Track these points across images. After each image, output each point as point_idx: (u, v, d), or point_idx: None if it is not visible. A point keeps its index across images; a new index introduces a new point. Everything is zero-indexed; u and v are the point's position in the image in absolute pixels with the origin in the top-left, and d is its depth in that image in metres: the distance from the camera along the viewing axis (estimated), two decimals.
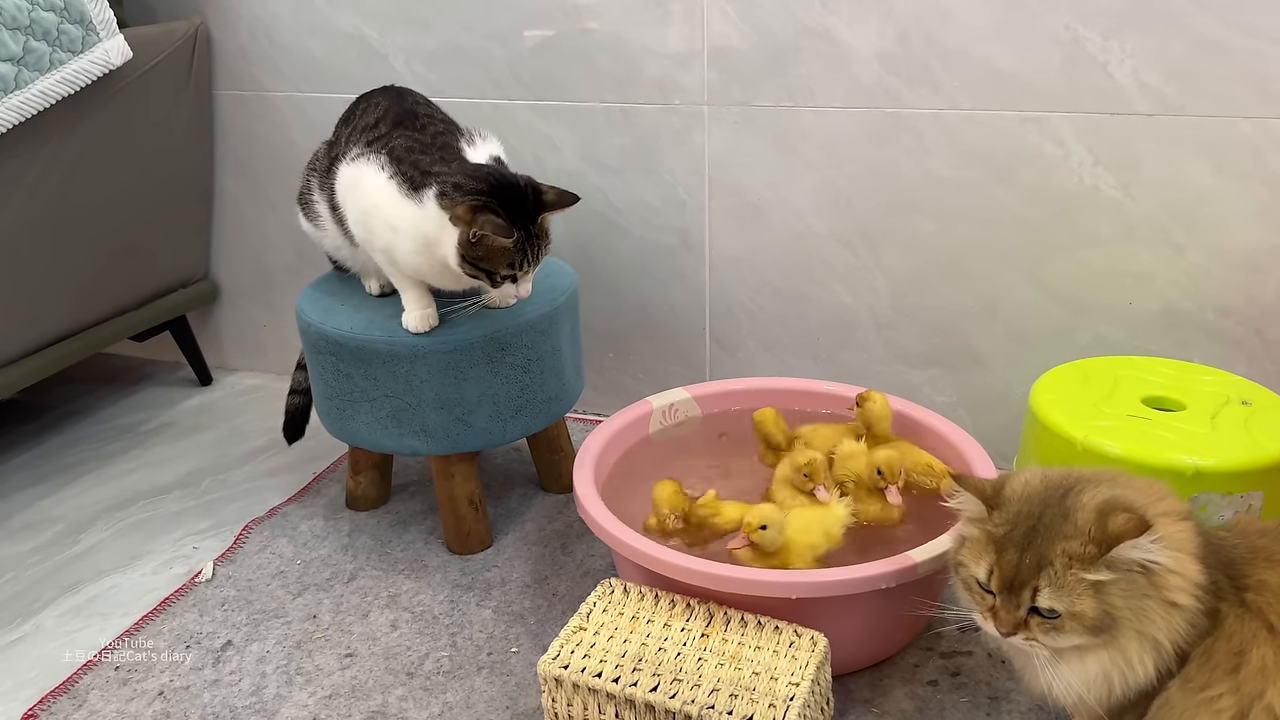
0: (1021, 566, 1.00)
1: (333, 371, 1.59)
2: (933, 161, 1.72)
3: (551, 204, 1.43)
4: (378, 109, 1.55)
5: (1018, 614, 1.00)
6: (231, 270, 2.32)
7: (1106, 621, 0.98)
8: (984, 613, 1.04)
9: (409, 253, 1.45)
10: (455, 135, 1.53)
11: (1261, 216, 1.57)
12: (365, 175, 1.48)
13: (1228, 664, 0.98)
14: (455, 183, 1.40)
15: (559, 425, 1.81)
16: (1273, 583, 1.00)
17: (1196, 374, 1.54)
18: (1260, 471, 1.32)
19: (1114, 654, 0.99)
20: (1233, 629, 0.98)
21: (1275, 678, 0.95)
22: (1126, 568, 0.97)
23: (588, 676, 1.19)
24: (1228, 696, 0.97)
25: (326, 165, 1.60)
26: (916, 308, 1.83)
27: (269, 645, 1.49)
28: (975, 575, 1.04)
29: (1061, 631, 0.99)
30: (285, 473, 1.96)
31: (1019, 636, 1.01)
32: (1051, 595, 0.98)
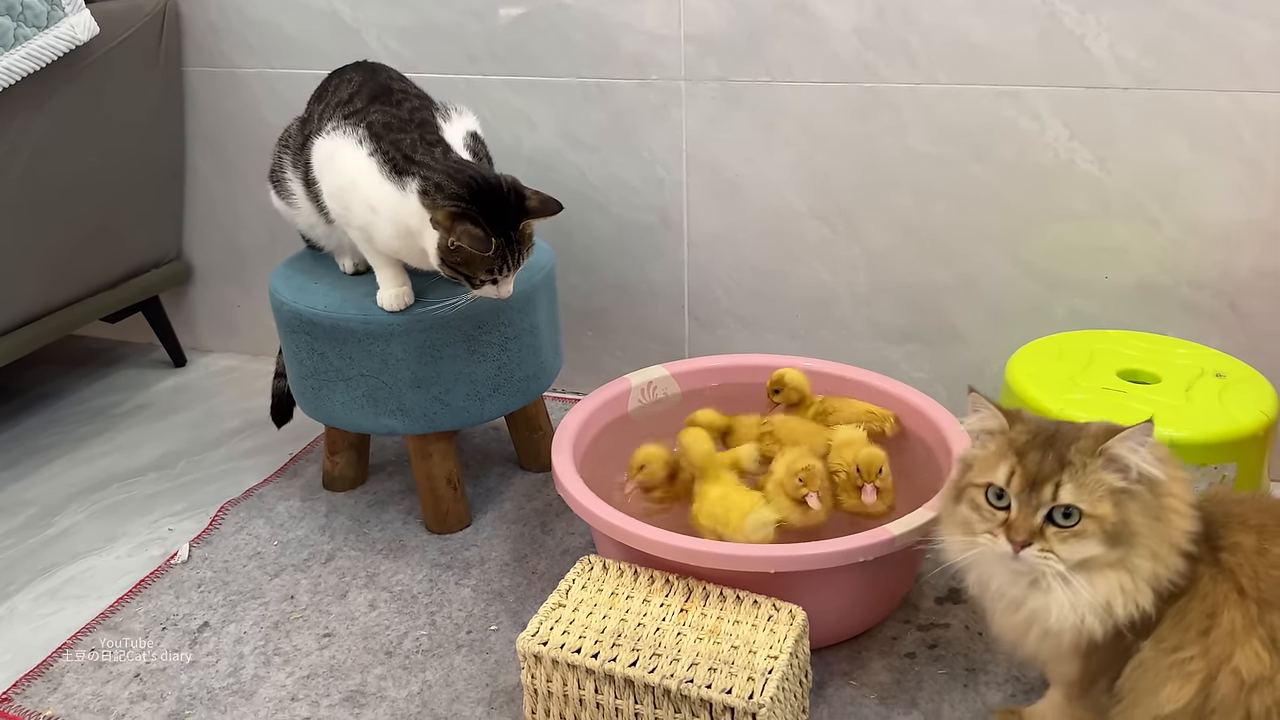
0: (1044, 464, 1.00)
1: (307, 351, 1.57)
2: (910, 137, 1.72)
3: (534, 211, 1.42)
4: (351, 84, 1.53)
5: (1034, 520, 0.99)
6: (204, 250, 2.29)
7: (1124, 533, 0.98)
8: (995, 530, 1.02)
9: (388, 235, 1.44)
10: (431, 110, 1.51)
11: (1236, 191, 1.58)
12: (342, 149, 1.46)
13: (1200, 625, 0.99)
14: (438, 182, 1.38)
15: (537, 404, 1.80)
16: (1246, 545, 1.01)
17: (1171, 347, 1.55)
18: (1233, 443, 1.33)
19: (1123, 575, 0.99)
20: (1207, 589, 1.00)
21: (1243, 641, 0.96)
22: (1139, 487, 0.99)
23: (567, 653, 1.19)
24: (1198, 660, 0.98)
25: (300, 142, 1.58)
26: (894, 284, 1.83)
27: (246, 626, 1.48)
28: (992, 481, 1.02)
29: (1081, 538, 0.98)
30: (261, 454, 1.94)
31: (1034, 548, 0.99)
32: (1074, 491, 0.98)
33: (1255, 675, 0.95)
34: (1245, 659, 0.95)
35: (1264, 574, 0.98)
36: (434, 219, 1.37)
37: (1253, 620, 0.96)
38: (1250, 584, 0.98)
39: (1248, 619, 0.97)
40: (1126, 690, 1.03)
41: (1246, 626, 0.96)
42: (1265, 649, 0.95)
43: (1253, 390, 1.42)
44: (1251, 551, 1.00)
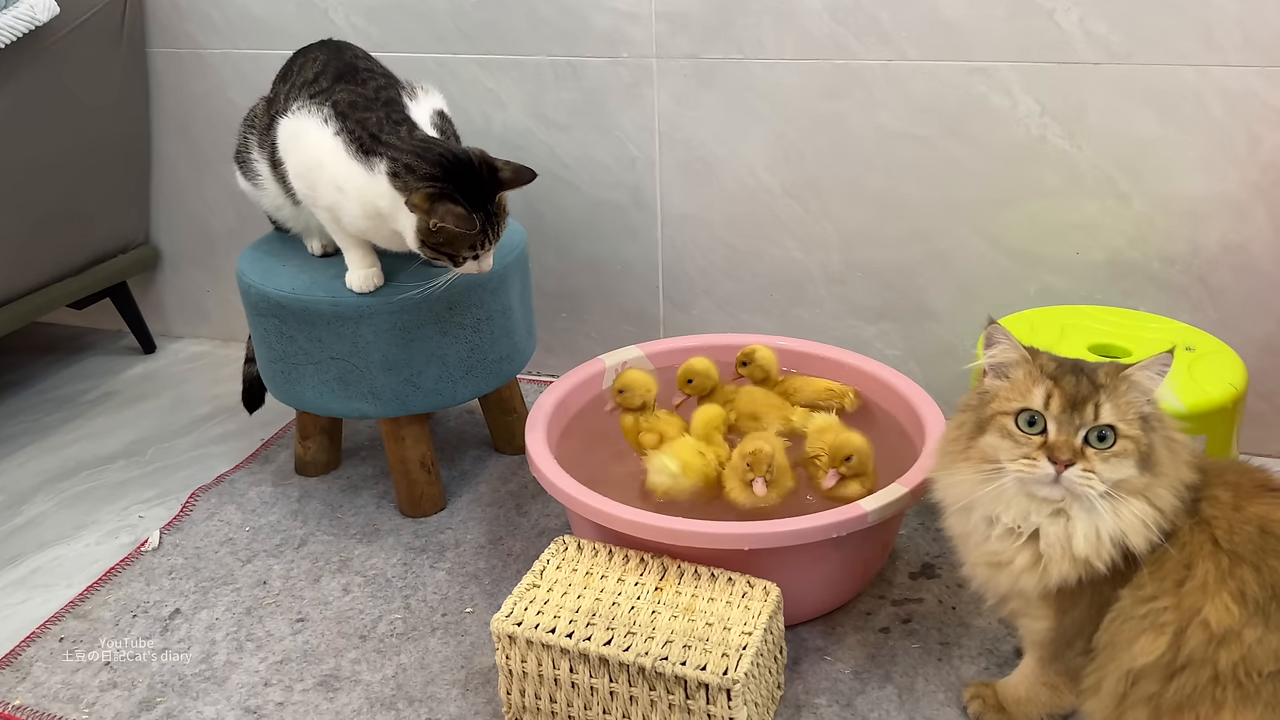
0: (1081, 385, 1.01)
1: (276, 334, 1.55)
2: (882, 114, 1.71)
3: (508, 182, 1.41)
4: (316, 63, 1.51)
5: (1076, 440, 1.00)
6: (172, 234, 2.26)
7: (1151, 458, 1.00)
8: (1033, 454, 1.01)
9: (356, 216, 1.42)
10: (397, 89, 1.49)
11: (1204, 165, 1.58)
12: (308, 129, 1.44)
13: (1176, 575, 1.00)
14: (408, 164, 1.37)
15: (511, 386, 1.79)
16: (1224, 499, 1.02)
17: (1141, 321, 1.56)
18: (1203, 415, 1.34)
19: (1145, 506, 1.00)
20: (1185, 539, 1.01)
21: (1214, 594, 0.97)
22: (1159, 425, 1.02)
23: (541, 633, 1.18)
24: (1171, 611, 0.99)
25: (266, 122, 1.56)
26: (867, 262, 1.83)
27: (218, 612, 1.47)
28: (1027, 406, 1.02)
29: (1121, 459, 0.99)
30: (232, 440, 1.92)
31: (1077, 468, 0.99)
32: (1112, 411, 1.00)
33: (1224, 628, 0.96)
34: (1215, 611, 0.96)
35: (1238, 528, 0.99)
36: (410, 202, 1.35)
37: (1224, 573, 0.97)
38: (1225, 536, 0.99)
39: (1220, 571, 0.98)
40: (1103, 644, 1.04)
41: (1218, 579, 0.98)
42: (1235, 602, 0.96)
43: (1222, 363, 1.43)
44: (1228, 506, 1.01)
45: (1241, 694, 0.95)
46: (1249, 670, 0.95)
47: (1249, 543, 0.98)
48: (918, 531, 1.57)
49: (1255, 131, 1.54)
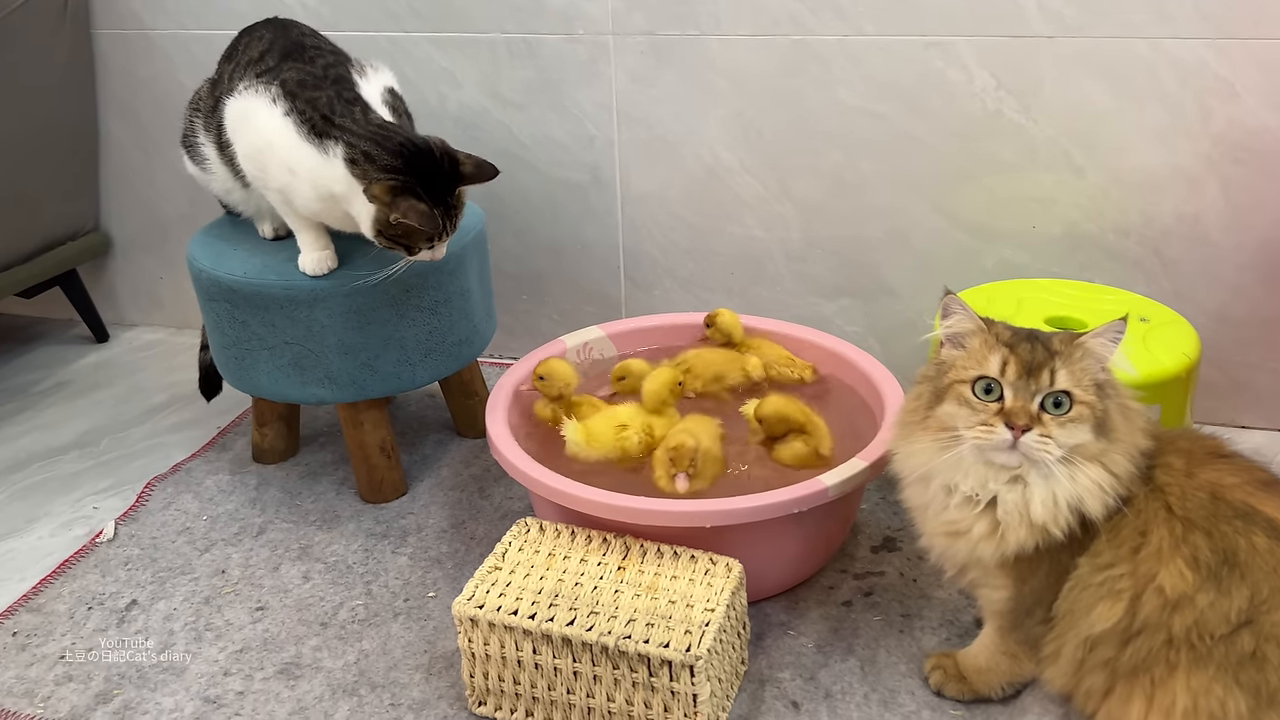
0: (1036, 353, 1.02)
1: (228, 319, 1.53)
2: (840, 90, 1.71)
3: (469, 176, 1.39)
4: (262, 42, 1.48)
5: (1033, 405, 1.01)
6: (123, 221, 2.22)
7: (1107, 424, 1.01)
8: (990, 420, 1.01)
9: (308, 199, 1.40)
10: (347, 67, 1.47)
11: (1157, 137, 1.60)
12: (256, 109, 1.41)
13: (1132, 541, 1.01)
14: (366, 151, 1.34)
15: (472, 369, 1.78)
16: (1177, 466, 1.04)
17: (1097, 294, 1.58)
18: (1158, 385, 1.36)
19: (1101, 471, 1.01)
20: (1140, 506, 1.02)
21: (1168, 560, 0.99)
22: (1113, 393, 1.03)
23: (504, 615, 1.18)
24: (1127, 578, 1.00)
25: (212, 104, 1.52)
26: (827, 239, 1.83)
27: (176, 603, 1.45)
28: (984, 373, 1.03)
29: (1076, 423, 1.00)
30: (188, 428, 1.89)
31: (1034, 433, 1.00)
32: (1068, 377, 1.01)
33: (1178, 593, 0.97)
34: (1169, 577, 0.98)
35: (1190, 495, 1.01)
36: (370, 193, 1.33)
37: (1178, 539, 0.99)
38: (1178, 503, 1.01)
39: (1174, 538, 0.99)
40: (1062, 612, 1.06)
41: (1172, 545, 0.99)
42: (1189, 568, 0.98)
43: (1175, 333, 1.45)
44: (1181, 473, 1.03)
45: (1194, 656, 0.97)
46: (1201, 633, 0.96)
47: (1201, 509, 1.00)
48: (879, 506, 1.58)
49: (1207, 104, 1.56)
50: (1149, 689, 1.00)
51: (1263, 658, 0.95)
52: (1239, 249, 1.62)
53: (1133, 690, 1.01)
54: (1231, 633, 0.96)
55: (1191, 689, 0.97)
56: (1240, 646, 0.95)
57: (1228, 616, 0.96)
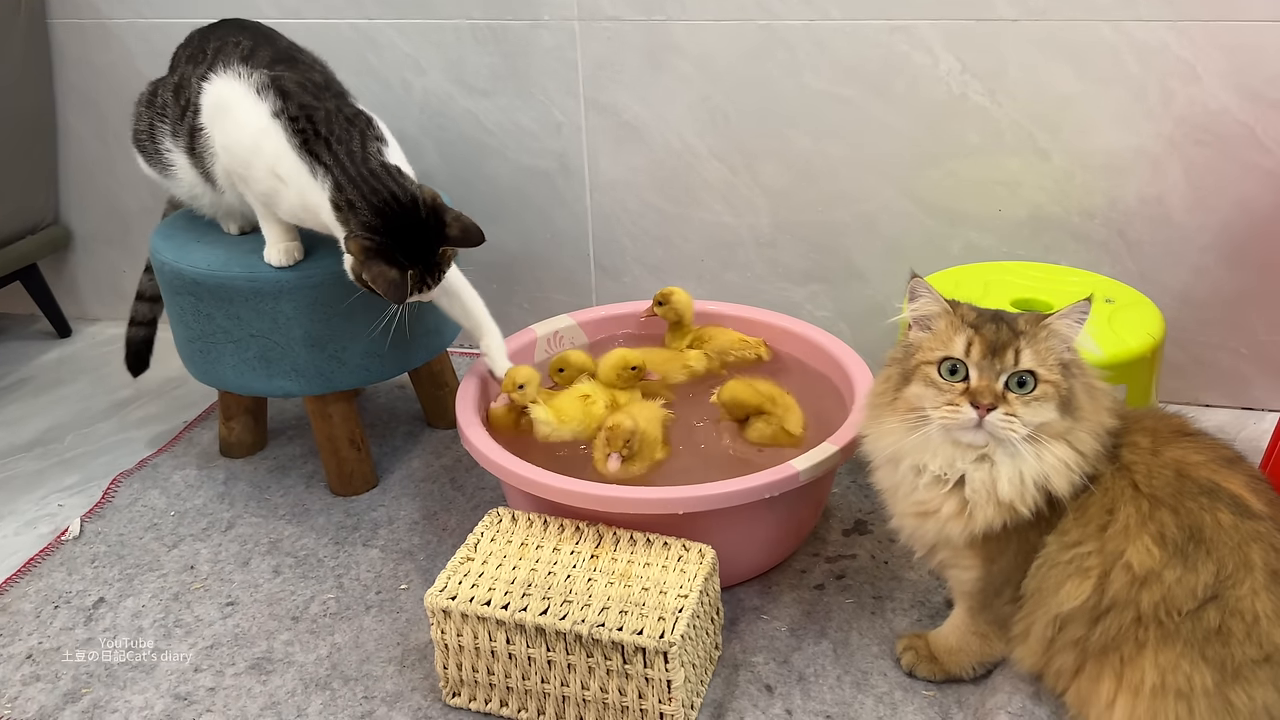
0: (1000, 333, 1.03)
1: (192, 312, 1.51)
2: (807, 75, 1.71)
3: (455, 240, 1.35)
4: (240, 48, 1.44)
5: (998, 385, 1.01)
6: (84, 214, 2.18)
7: (1072, 403, 1.02)
8: (956, 399, 1.02)
9: (294, 206, 1.37)
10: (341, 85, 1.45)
11: (1121, 119, 1.61)
12: (240, 100, 1.37)
13: (1099, 520, 1.02)
14: (350, 200, 1.30)
15: (442, 359, 1.76)
16: (1143, 444, 1.05)
17: (1063, 275, 1.59)
18: (1123, 365, 1.37)
19: (1067, 449, 1.02)
20: (1108, 484, 1.04)
21: (1135, 537, 1.00)
22: (1079, 372, 1.03)
23: (476, 605, 1.17)
24: (1095, 556, 1.02)
25: (179, 112, 1.48)
26: (796, 224, 1.83)
27: (144, 600, 1.43)
28: (949, 354, 1.03)
29: (1041, 402, 1.01)
30: (154, 423, 1.87)
31: (999, 412, 1.01)
32: (1032, 356, 1.01)
33: (1145, 570, 0.98)
34: (1137, 554, 0.99)
35: (1156, 472, 1.02)
36: (347, 246, 1.31)
37: (1144, 516, 1.00)
38: (1144, 481, 1.02)
39: (1140, 515, 1.00)
40: (1030, 591, 1.07)
41: (1139, 522, 1.00)
42: (1155, 544, 0.99)
43: (1140, 314, 1.46)
44: (1147, 451, 1.04)
45: (1162, 633, 0.98)
46: (1169, 609, 0.98)
47: (1167, 486, 1.01)
48: (850, 489, 1.58)
49: (1168, 85, 1.57)
50: (1118, 667, 1.01)
51: (1228, 632, 0.96)
52: (1201, 230, 1.64)
53: (1102, 669, 1.02)
54: (1198, 608, 0.97)
55: (1160, 665, 0.98)
56: (1206, 622, 0.97)
57: (1194, 592, 0.97)
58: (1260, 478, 1.05)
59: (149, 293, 1.71)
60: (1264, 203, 1.60)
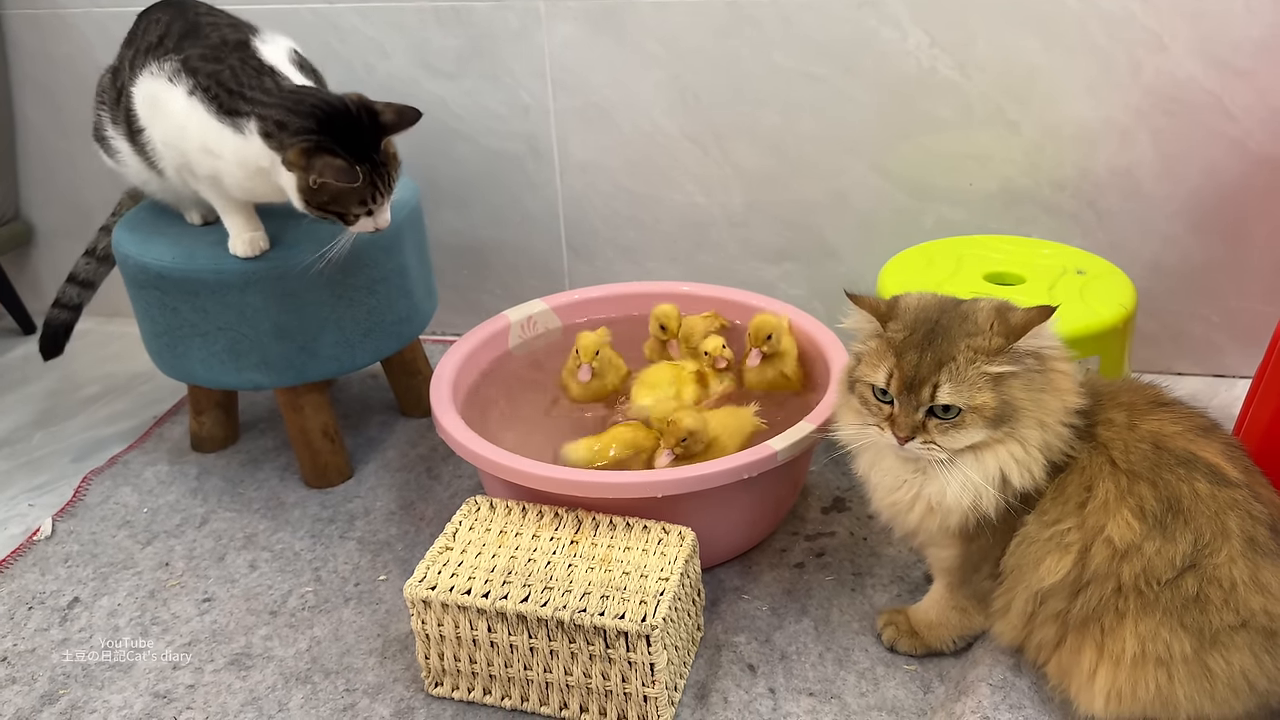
0: (921, 365, 1.01)
1: (158, 306, 1.48)
2: (775, 53, 1.70)
3: (391, 125, 1.33)
4: (160, 25, 1.42)
5: (916, 416, 1.02)
6: (45, 208, 2.14)
7: (1007, 412, 1.01)
8: (881, 423, 1.05)
9: (239, 179, 1.35)
10: (246, 33, 1.41)
11: (1089, 90, 1.61)
12: (160, 91, 1.36)
13: (1078, 497, 1.03)
14: (279, 120, 1.29)
15: (414, 347, 1.75)
16: (1118, 420, 1.05)
17: (1034, 248, 1.59)
18: (1096, 336, 1.38)
19: (1013, 446, 1.02)
20: (1084, 463, 1.04)
21: (1115, 512, 1.00)
22: (1025, 362, 1.01)
23: (456, 595, 1.16)
24: (1075, 531, 1.02)
25: (115, 95, 1.47)
26: (768, 203, 1.82)
27: (119, 598, 1.42)
28: (874, 382, 1.04)
29: (962, 429, 1.01)
30: (123, 419, 1.84)
31: (916, 441, 1.02)
32: (951, 391, 1.00)
33: (1126, 543, 0.99)
34: (1117, 528, 0.99)
35: (1133, 447, 1.02)
36: (286, 160, 1.28)
37: (1123, 491, 1.00)
38: (1121, 457, 1.02)
39: (1119, 490, 1.01)
40: (1010, 568, 1.07)
41: (1118, 497, 1.01)
42: (1135, 518, 0.99)
43: (1112, 285, 1.47)
44: (1123, 426, 1.04)
45: (1142, 602, 0.99)
46: (1149, 580, 0.98)
47: (1144, 460, 1.01)
48: (828, 467, 1.59)
49: (1135, 56, 1.57)
50: (1099, 638, 1.01)
51: (1205, 599, 0.97)
52: (1170, 199, 1.65)
53: (1083, 640, 1.03)
54: (1177, 577, 0.98)
55: (1140, 635, 0.99)
56: (1184, 590, 0.97)
57: (1173, 561, 0.98)
58: (1235, 445, 1.06)
59: (83, 276, 1.69)
60: (1232, 171, 1.61)
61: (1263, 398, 1.19)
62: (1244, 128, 1.57)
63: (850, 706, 1.19)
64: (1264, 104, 1.55)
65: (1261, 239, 1.64)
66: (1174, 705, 1.00)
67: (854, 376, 1.09)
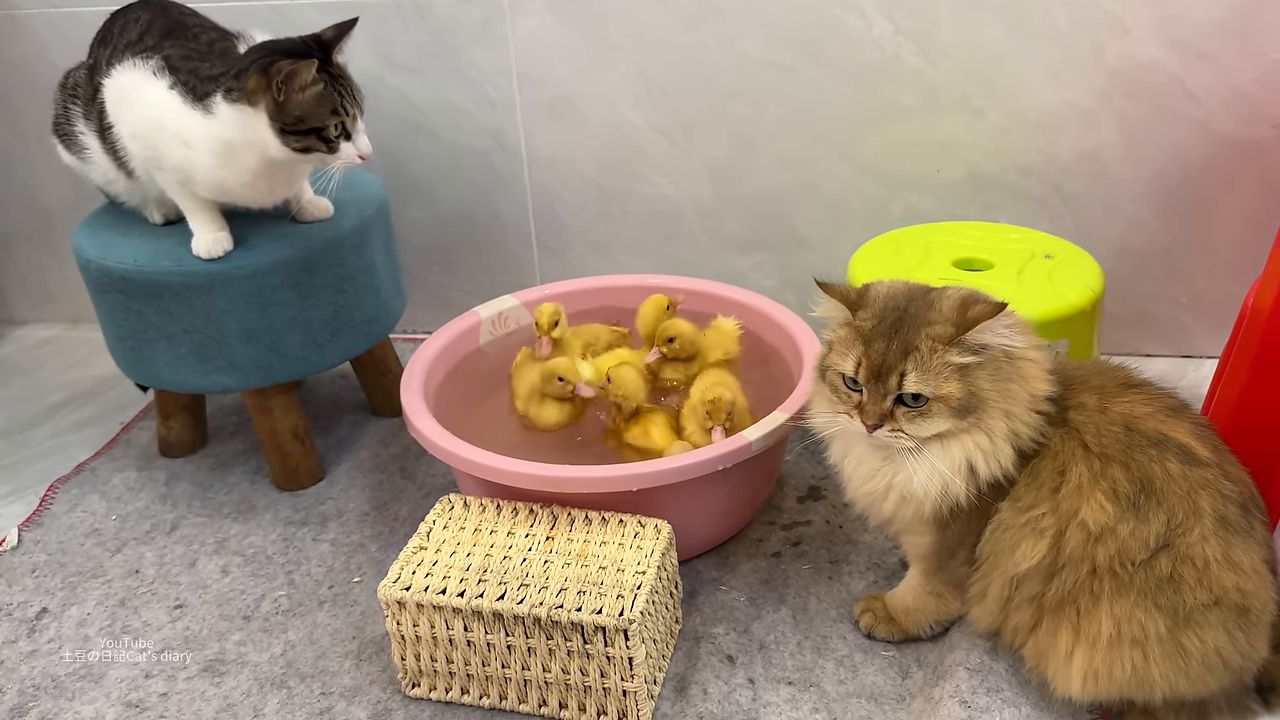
0: (889, 353, 1.01)
1: (122, 310, 1.46)
2: (741, 42, 1.69)
3: (333, 39, 1.34)
4: (140, 23, 1.41)
5: (884, 404, 1.02)
6: (3, 212, 2.10)
7: (973, 402, 1.01)
8: (851, 411, 1.05)
9: (211, 168, 1.34)
10: (231, 40, 1.40)
11: (1053, 75, 1.62)
12: (138, 83, 1.35)
13: (1051, 482, 1.03)
14: (235, 73, 1.30)
15: (384, 346, 1.73)
16: (1090, 404, 1.05)
17: (1002, 233, 1.60)
18: (1064, 320, 1.38)
19: (979, 436, 1.02)
20: (1057, 448, 1.04)
21: (1089, 495, 1.01)
22: (990, 352, 1.01)
23: (431, 594, 1.15)
24: (1049, 516, 1.02)
25: (91, 92, 1.44)
26: (738, 194, 1.82)
27: (89, 607, 1.39)
28: (843, 370, 1.04)
29: (928, 417, 1.01)
30: (90, 426, 1.81)
31: (885, 429, 1.02)
32: (918, 379, 1.00)
33: (1100, 526, 0.99)
34: (1091, 511, 1.00)
35: (1105, 430, 1.03)
36: (248, 92, 1.28)
37: (1096, 474, 1.01)
38: (1094, 440, 1.02)
39: (1092, 473, 1.01)
40: (985, 554, 1.07)
41: (1091, 480, 1.01)
42: (1109, 500, 1.00)
43: (1080, 268, 1.48)
44: (1094, 410, 1.04)
45: (1117, 584, 0.99)
46: (1124, 561, 0.99)
47: (1116, 442, 1.02)
48: (803, 456, 1.59)
49: (1098, 39, 1.58)
50: (1075, 620, 1.02)
51: (1179, 579, 0.97)
52: (1135, 181, 1.66)
53: (1059, 623, 1.03)
54: (1150, 558, 0.98)
55: (1115, 616, 0.99)
56: (1158, 570, 0.98)
57: (1147, 542, 0.98)
58: (1205, 424, 1.06)
59: None
60: (1195, 153, 1.62)
61: (1230, 377, 1.20)
62: (1206, 109, 1.59)
63: (829, 694, 1.19)
64: (1226, 85, 1.56)
65: (1225, 219, 1.66)
66: (1150, 684, 1.00)
67: (825, 365, 1.09)
